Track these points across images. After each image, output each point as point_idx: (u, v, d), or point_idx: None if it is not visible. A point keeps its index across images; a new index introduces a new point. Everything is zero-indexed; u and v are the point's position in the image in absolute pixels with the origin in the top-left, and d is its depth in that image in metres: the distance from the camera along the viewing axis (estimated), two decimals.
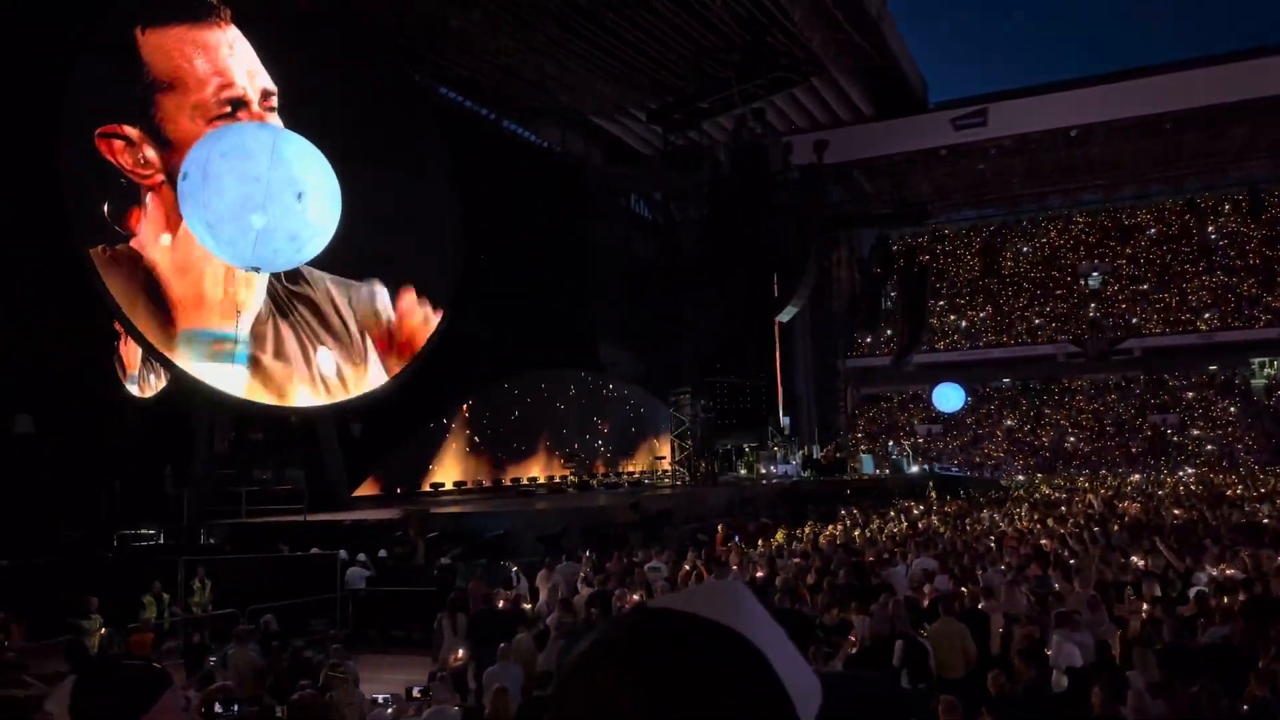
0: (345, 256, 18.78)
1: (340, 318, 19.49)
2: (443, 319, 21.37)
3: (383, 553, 14.21)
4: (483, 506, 19.66)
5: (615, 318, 32.01)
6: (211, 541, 15.47)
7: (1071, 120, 33.03)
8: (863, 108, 33.15)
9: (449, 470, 23.28)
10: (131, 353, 16.55)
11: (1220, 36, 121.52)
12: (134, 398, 16.83)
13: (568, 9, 23.56)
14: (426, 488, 22.27)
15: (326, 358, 19.00)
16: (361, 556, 13.88)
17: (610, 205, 33.97)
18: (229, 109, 17.05)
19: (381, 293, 20.31)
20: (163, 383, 16.79)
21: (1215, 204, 47.79)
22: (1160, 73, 32.21)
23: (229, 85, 17.23)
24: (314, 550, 13.90)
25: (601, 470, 27.69)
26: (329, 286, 19.26)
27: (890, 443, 40.16)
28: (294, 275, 18.32)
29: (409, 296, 20.93)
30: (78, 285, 14.86)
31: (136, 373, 16.74)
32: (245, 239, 14.86)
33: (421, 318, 21.22)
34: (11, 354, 14.56)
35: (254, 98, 17.51)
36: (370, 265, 19.96)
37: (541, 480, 25.21)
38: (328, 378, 18.99)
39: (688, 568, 12.28)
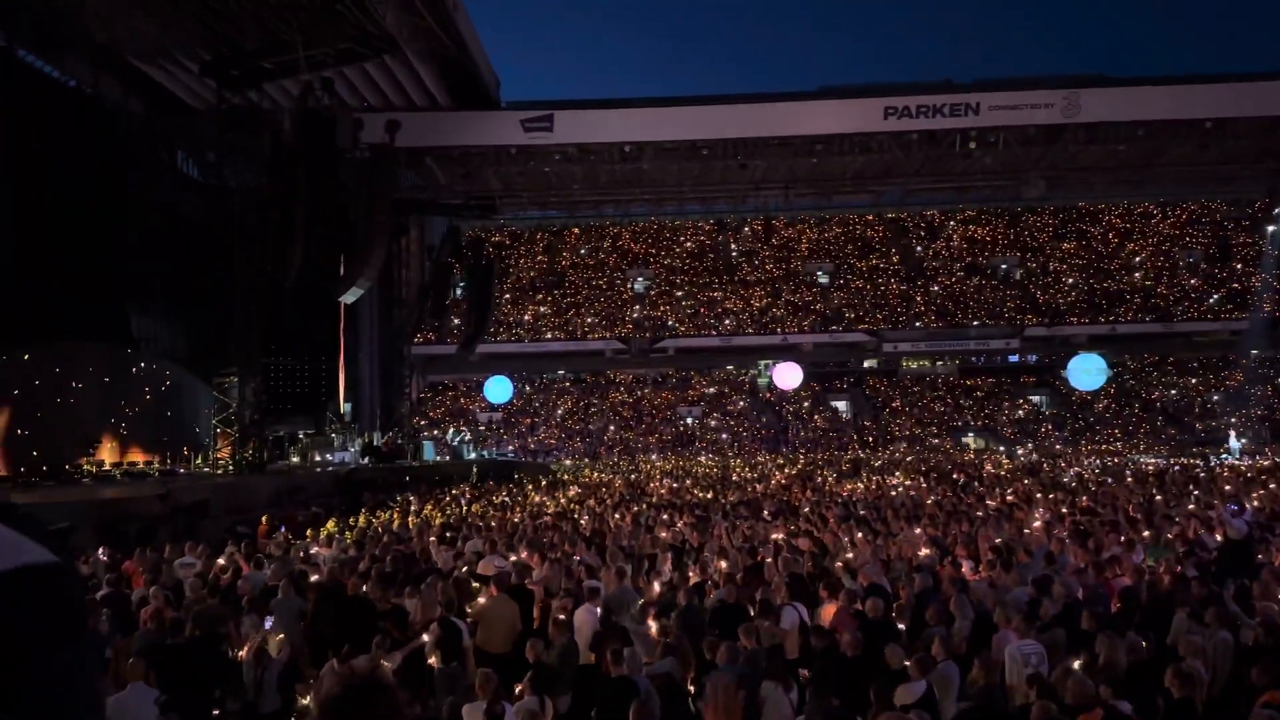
0: None
1: None
2: None
3: None
4: None
5: (154, 287, 28.66)
6: None
7: (627, 136, 36.00)
8: (437, 95, 33.16)
9: None
10: None
11: (750, 81, 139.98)
12: None
13: None
14: None
15: None
16: None
17: (153, 160, 30.32)
18: None
19: None
20: None
21: (738, 225, 55.07)
22: (702, 104, 36.32)
23: None
24: None
25: (127, 458, 24.61)
26: None
27: (451, 429, 40.71)
28: None
29: None
30: None
31: None
32: None
33: None
34: None
35: None
36: None
37: (45, 469, 21.70)
38: None
39: (223, 561, 11.40)
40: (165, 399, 26.72)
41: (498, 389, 41.45)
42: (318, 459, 28.04)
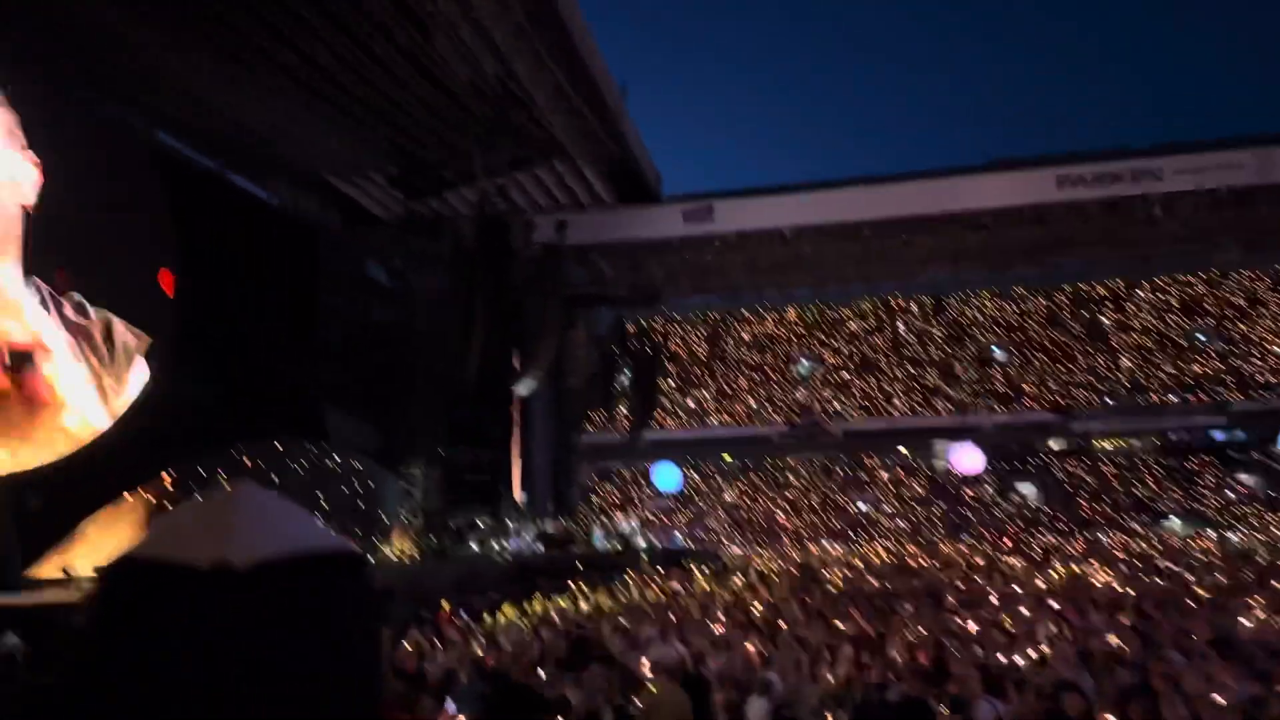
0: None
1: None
2: (152, 378, 19.59)
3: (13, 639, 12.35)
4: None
5: (345, 386, 30.73)
6: None
7: (786, 221, 36.22)
8: (602, 193, 34.55)
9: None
10: None
11: (912, 156, 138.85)
12: None
13: (301, 63, 22.91)
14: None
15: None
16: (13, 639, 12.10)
17: (345, 269, 32.88)
18: None
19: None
20: None
21: (905, 304, 53.92)
22: (862, 185, 36.20)
23: None
24: None
25: None
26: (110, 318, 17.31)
27: (620, 517, 41.07)
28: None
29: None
30: None
31: None
32: None
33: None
34: None
35: None
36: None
37: None
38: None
39: (409, 646, 11.84)
40: (356, 491, 28.38)
41: (666, 476, 41.66)
42: (495, 547, 28.87)
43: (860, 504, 46.17)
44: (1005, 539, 38.37)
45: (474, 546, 29.54)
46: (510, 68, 24.19)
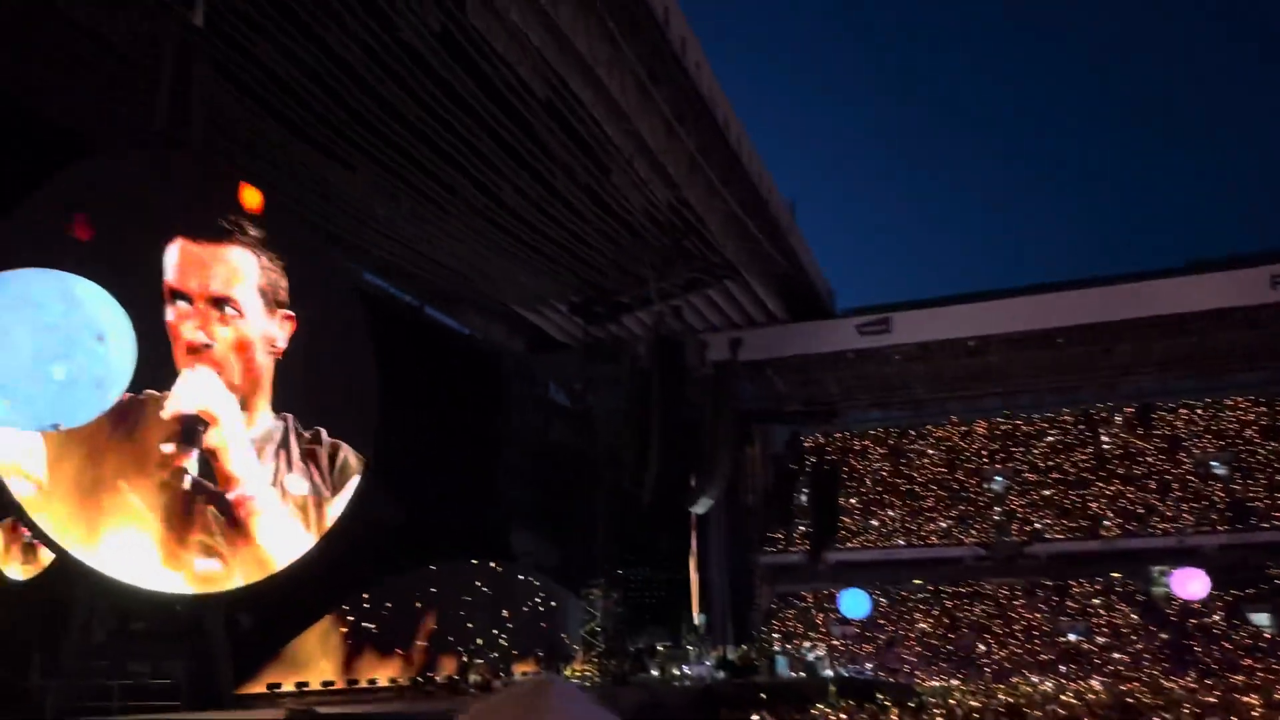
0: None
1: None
2: (345, 512, 20.72)
3: None
4: (381, 707, 18.41)
5: (529, 506, 31.59)
6: None
7: (970, 331, 35.02)
8: (774, 310, 34.67)
9: (343, 665, 21.86)
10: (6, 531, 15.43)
11: (1105, 260, 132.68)
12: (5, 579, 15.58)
13: (493, 205, 24.51)
14: (318, 685, 20.82)
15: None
16: None
17: (527, 392, 34.24)
18: None
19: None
20: (42, 564, 15.62)
21: (1108, 415, 50.34)
22: (1052, 290, 34.71)
23: None
24: None
25: (517, 669, 26.41)
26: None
27: (805, 644, 39.43)
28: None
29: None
30: None
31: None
32: (45, 394, 13.73)
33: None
34: None
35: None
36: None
37: (439, 679, 23.83)
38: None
39: None
40: (540, 611, 28.69)
41: (853, 602, 39.77)
42: (675, 672, 28.23)
43: (1070, 634, 42.36)
44: (1237, 675, 34.15)
45: (654, 671, 29.03)
46: (683, 195, 25.03)
